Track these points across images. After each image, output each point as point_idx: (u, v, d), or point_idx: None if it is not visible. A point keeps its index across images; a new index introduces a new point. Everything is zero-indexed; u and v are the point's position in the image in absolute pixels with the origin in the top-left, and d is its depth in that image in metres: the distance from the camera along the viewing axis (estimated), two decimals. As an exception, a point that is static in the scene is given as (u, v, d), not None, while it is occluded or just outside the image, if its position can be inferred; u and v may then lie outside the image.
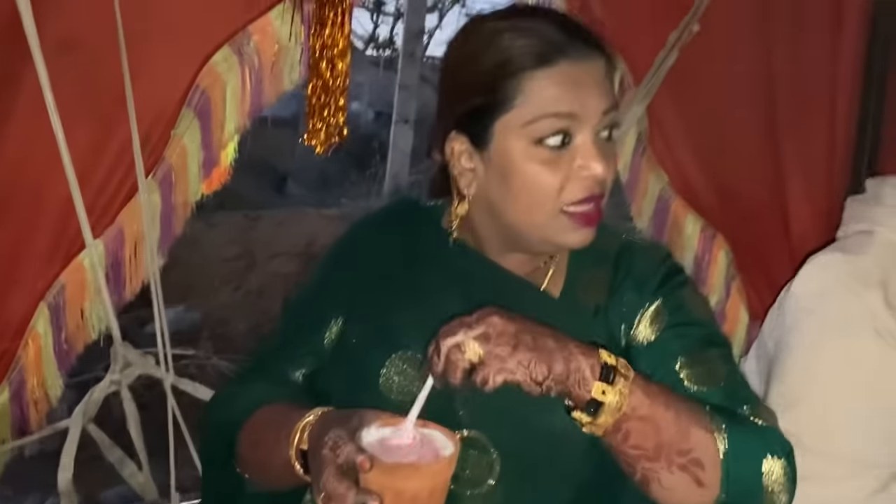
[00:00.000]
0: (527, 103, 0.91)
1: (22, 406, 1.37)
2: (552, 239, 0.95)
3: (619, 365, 0.83)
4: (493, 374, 0.78)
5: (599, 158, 0.91)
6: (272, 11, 1.40)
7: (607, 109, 0.92)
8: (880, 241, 1.04)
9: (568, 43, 0.91)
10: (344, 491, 0.73)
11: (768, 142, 1.79)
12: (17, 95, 1.27)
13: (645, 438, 0.83)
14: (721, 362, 0.96)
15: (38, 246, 1.35)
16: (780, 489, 0.87)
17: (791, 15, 1.73)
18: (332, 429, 0.79)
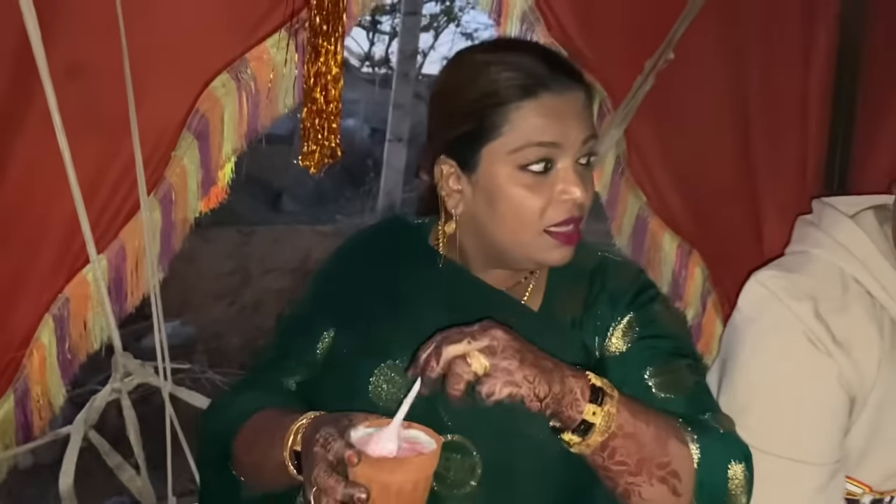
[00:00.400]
0: (513, 132, 0.96)
1: (26, 413, 1.40)
2: (535, 257, 1.00)
3: (605, 386, 0.87)
4: (499, 387, 0.81)
5: (579, 184, 0.96)
6: (269, 40, 1.46)
7: (587, 138, 0.98)
8: (814, 260, 1.10)
9: (551, 76, 0.97)
10: (334, 484, 0.77)
11: (742, 162, 1.86)
12: (27, 117, 1.31)
13: (629, 454, 0.87)
14: (688, 372, 1.01)
15: (45, 260, 1.38)
16: (742, 491, 0.92)
17: (762, 42, 1.80)
18: (323, 427, 0.83)
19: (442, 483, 0.98)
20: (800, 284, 1.06)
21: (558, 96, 0.97)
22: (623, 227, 1.86)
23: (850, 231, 1.09)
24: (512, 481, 0.99)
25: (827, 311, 1.04)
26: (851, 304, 1.05)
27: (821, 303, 1.04)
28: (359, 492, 0.76)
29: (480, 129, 0.98)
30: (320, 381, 1.09)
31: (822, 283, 1.06)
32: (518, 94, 0.97)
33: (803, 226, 1.19)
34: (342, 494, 0.76)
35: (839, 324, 1.04)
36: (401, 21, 5.76)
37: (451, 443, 0.97)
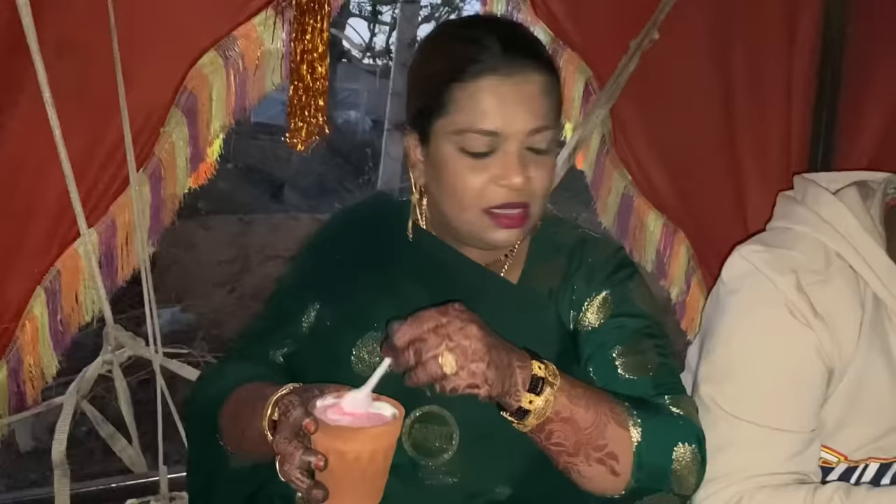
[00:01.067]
0: (457, 112, 0.97)
1: (19, 383, 1.43)
2: (478, 235, 1.02)
3: (548, 374, 0.90)
4: (462, 387, 0.85)
5: (519, 171, 0.96)
6: (256, 18, 1.47)
7: (534, 129, 0.96)
8: (797, 235, 1.11)
9: (501, 58, 0.95)
10: (292, 450, 0.79)
11: (727, 142, 1.87)
12: (18, 94, 1.32)
13: (565, 437, 0.91)
14: (654, 353, 1.03)
15: (37, 234, 1.40)
16: (689, 472, 0.95)
17: (746, 20, 1.81)
18: (288, 396, 0.85)
19: (420, 452, 1.00)
20: (782, 258, 1.08)
21: (506, 80, 0.95)
22: (608, 206, 1.87)
23: (834, 207, 1.10)
24: (489, 449, 1.01)
25: (809, 284, 1.05)
26: (833, 278, 1.07)
27: (803, 276, 1.06)
28: (316, 459, 0.78)
29: (431, 104, 0.99)
30: (305, 352, 1.12)
31: (805, 258, 1.08)
32: (464, 73, 0.96)
33: (786, 202, 1.20)
34: (300, 461, 0.79)
35: (820, 297, 1.05)
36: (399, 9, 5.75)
37: (428, 413, 1.00)
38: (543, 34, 1.74)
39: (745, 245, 1.13)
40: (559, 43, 1.76)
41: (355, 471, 0.79)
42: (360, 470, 0.80)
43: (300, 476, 0.80)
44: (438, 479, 1.01)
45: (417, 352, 0.84)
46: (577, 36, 1.76)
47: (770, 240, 1.14)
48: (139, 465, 1.54)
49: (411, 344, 0.84)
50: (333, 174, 9.56)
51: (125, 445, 1.52)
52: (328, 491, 0.79)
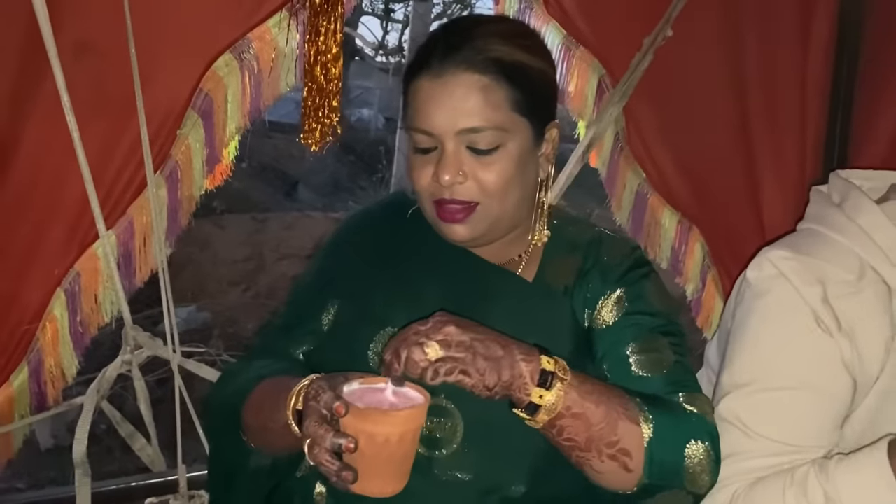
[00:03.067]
0: (407, 109, 1.01)
1: (40, 383, 1.45)
2: (436, 228, 1.05)
3: (558, 368, 0.90)
4: (445, 373, 0.86)
5: (448, 169, 0.97)
6: (270, 20, 1.49)
7: (466, 129, 0.97)
8: (831, 243, 1.07)
9: (436, 57, 0.97)
10: (323, 433, 0.81)
11: (741, 138, 1.86)
12: (37, 98, 1.34)
13: (577, 433, 0.91)
14: (669, 352, 1.03)
15: (56, 236, 1.42)
16: (702, 470, 0.95)
17: (761, 17, 1.80)
18: (317, 382, 0.87)
19: (427, 444, 1.01)
20: (811, 268, 1.04)
21: (436, 80, 0.97)
22: (623, 203, 1.87)
23: (875, 218, 1.05)
24: (496, 441, 1.02)
25: (835, 297, 1.02)
26: (864, 291, 1.03)
27: (830, 288, 1.03)
28: (347, 441, 0.80)
29: (404, 100, 1.03)
30: (324, 347, 1.13)
31: (836, 268, 1.04)
32: (408, 73, 1.00)
33: (821, 201, 1.15)
34: (330, 443, 0.80)
35: (847, 310, 1.02)
36: (412, 7, 5.76)
37: (434, 406, 1.00)
38: (556, 32, 1.74)
39: (774, 249, 1.09)
40: (572, 41, 1.75)
41: (384, 453, 0.81)
42: (389, 452, 0.81)
43: (330, 459, 0.81)
44: (453, 475, 1.02)
45: (397, 352, 0.86)
46: (589, 34, 1.75)
47: (800, 245, 1.09)
48: (158, 464, 1.56)
49: (395, 355, 0.87)
50: (347, 172, 9.59)
51: (144, 444, 1.53)
52: (357, 473, 0.81)
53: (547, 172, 1.09)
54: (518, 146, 1.00)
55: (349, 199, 8.60)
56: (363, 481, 0.81)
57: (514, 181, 1.01)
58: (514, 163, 1.00)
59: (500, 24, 1.08)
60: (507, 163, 1.00)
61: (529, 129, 1.02)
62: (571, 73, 1.76)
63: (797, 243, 1.10)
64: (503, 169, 0.99)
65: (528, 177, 1.04)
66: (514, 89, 0.98)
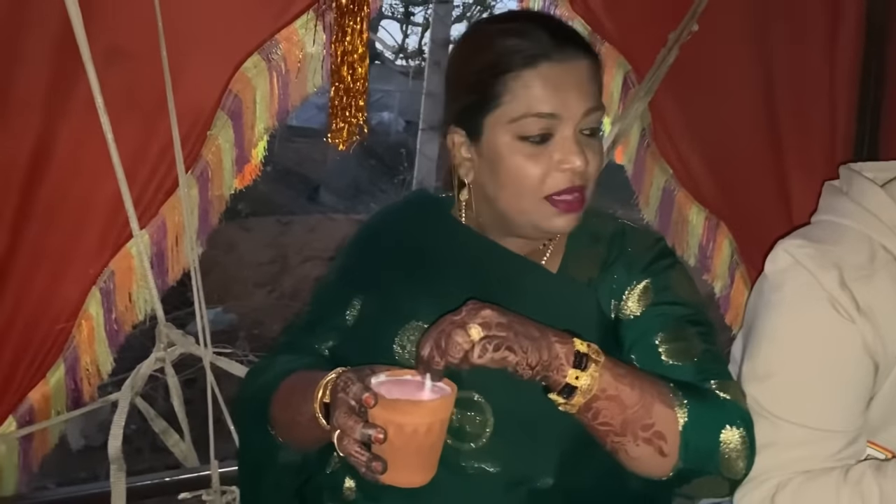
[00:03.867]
0: (513, 101, 0.99)
1: (76, 380, 1.48)
2: (538, 224, 1.04)
3: (591, 351, 0.90)
4: (490, 353, 0.85)
5: (579, 153, 0.99)
6: (297, 21, 1.50)
7: (589, 110, 1.00)
8: (841, 229, 1.10)
9: (552, 46, 0.99)
10: (353, 424, 0.82)
11: (769, 133, 1.85)
12: (71, 100, 1.36)
13: (612, 416, 0.91)
14: (698, 340, 1.03)
15: (91, 236, 1.44)
16: (738, 456, 0.94)
17: (788, 11, 1.78)
18: (345, 374, 0.88)
19: (457, 437, 1.02)
20: (826, 254, 1.06)
21: (559, 65, 0.98)
22: (650, 199, 1.86)
23: (879, 198, 1.09)
24: (526, 433, 1.02)
25: (852, 280, 1.04)
26: (878, 273, 1.05)
27: (846, 271, 1.04)
28: (376, 431, 0.81)
29: (483, 98, 1.01)
30: (349, 342, 1.15)
31: (849, 253, 1.06)
32: (518, 63, 0.99)
33: (831, 193, 1.19)
34: (360, 434, 0.81)
35: (864, 292, 1.03)
36: (433, 10, 5.78)
37: (463, 399, 1.01)
38: (581, 28, 1.74)
39: (788, 239, 1.12)
40: (596, 37, 1.75)
41: (413, 444, 0.82)
42: (418, 443, 0.82)
43: (359, 450, 0.82)
44: (480, 468, 1.02)
45: (438, 343, 0.85)
46: (614, 30, 1.75)
47: (813, 234, 1.12)
48: (191, 460, 1.58)
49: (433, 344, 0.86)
50: (367, 175, 9.65)
51: (177, 440, 1.56)
52: (387, 464, 0.81)
53: None
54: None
55: (370, 202, 8.64)
56: (392, 472, 0.82)
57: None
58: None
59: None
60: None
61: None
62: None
63: (810, 233, 1.13)
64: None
65: None
66: (601, 77, 1.05)
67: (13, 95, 1.32)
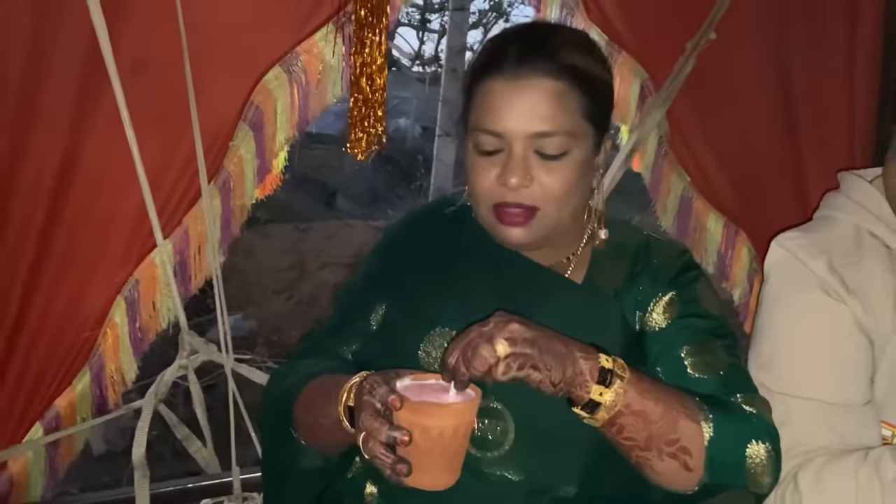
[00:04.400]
0: (472, 111, 1.02)
1: (101, 387, 1.51)
2: (492, 232, 1.05)
3: (616, 367, 0.90)
4: (515, 370, 0.86)
5: (516, 172, 0.98)
6: (317, 34, 1.53)
7: (538, 134, 0.97)
8: (831, 220, 1.17)
9: (511, 63, 0.98)
10: (378, 426, 0.82)
11: (788, 141, 1.84)
12: (97, 113, 1.39)
13: (637, 431, 0.91)
14: (723, 353, 1.03)
15: (116, 246, 1.47)
16: (763, 470, 0.94)
17: (805, 19, 1.78)
18: (371, 377, 0.89)
19: (478, 446, 1.02)
20: (816, 242, 1.13)
21: (511, 83, 0.97)
22: (667, 207, 1.86)
23: (864, 188, 1.16)
24: (549, 442, 1.03)
25: (840, 265, 1.10)
26: (866, 257, 1.11)
27: (835, 257, 1.10)
28: (401, 434, 0.81)
29: (465, 102, 1.04)
30: (373, 348, 1.15)
31: (837, 240, 1.13)
32: (477, 74, 1.01)
33: (828, 196, 1.25)
34: (386, 436, 0.82)
35: (852, 275, 1.09)
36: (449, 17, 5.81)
37: (484, 407, 1.01)
38: (597, 37, 1.75)
39: (784, 233, 1.19)
40: (614, 46, 1.76)
41: (438, 446, 0.83)
42: (443, 445, 0.83)
43: (384, 451, 0.83)
44: (503, 475, 1.02)
45: (465, 354, 0.86)
46: (631, 38, 1.76)
47: (807, 227, 1.20)
48: (213, 466, 1.60)
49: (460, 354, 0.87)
50: (384, 181, 9.67)
51: (199, 447, 1.58)
52: (411, 465, 0.82)
53: (598, 180, 1.10)
54: (582, 153, 1.02)
55: (387, 208, 8.66)
56: (416, 474, 0.83)
57: (575, 188, 1.02)
58: (578, 169, 1.01)
59: (571, 33, 1.09)
60: (572, 169, 1.01)
61: (593, 137, 1.03)
62: (614, 78, 1.76)
63: (804, 226, 1.21)
64: (567, 175, 1.00)
65: (586, 184, 1.05)
66: (585, 97, 1.00)
67: (41, 108, 1.35)
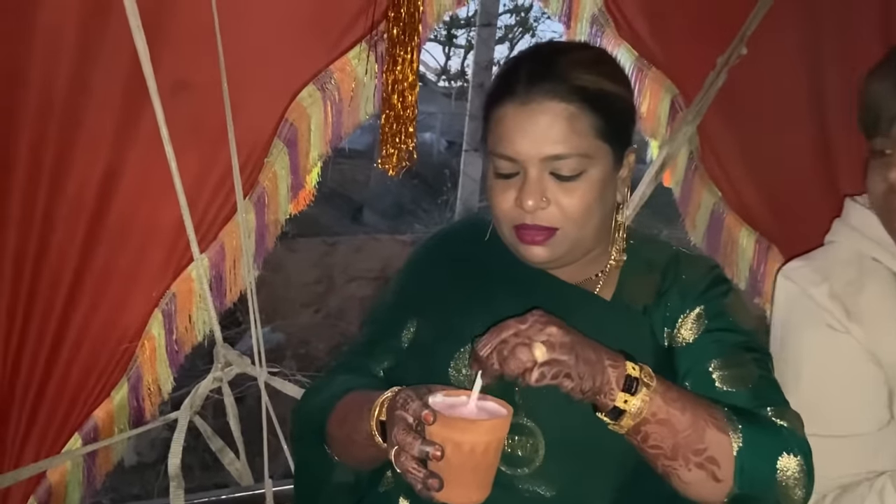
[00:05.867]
0: (490, 135, 1.03)
1: (138, 399, 1.54)
2: (515, 250, 1.06)
3: (643, 375, 0.90)
4: (550, 377, 0.86)
5: (532, 195, 0.98)
6: (350, 52, 1.56)
7: (551, 157, 0.98)
8: (834, 248, 1.19)
9: (523, 86, 0.98)
10: (411, 441, 0.83)
11: (821, 156, 1.82)
12: (138, 131, 1.43)
13: (663, 440, 0.90)
14: (753, 366, 1.02)
15: (154, 260, 1.51)
16: (796, 484, 0.93)
17: (839, 34, 1.76)
18: (404, 392, 0.89)
19: (509, 463, 1.02)
20: (818, 269, 1.15)
21: (522, 108, 0.98)
22: (697, 223, 1.86)
23: (861, 214, 1.17)
24: (579, 458, 1.02)
25: (842, 292, 1.10)
26: (867, 283, 1.11)
27: (836, 283, 1.11)
28: (434, 449, 0.82)
29: (484, 124, 1.06)
30: (404, 366, 1.16)
31: (839, 266, 1.14)
32: (491, 99, 1.02)
33: (834, 222, 1.26)
34: (418, 451, 0.83)
35: (854, 301, 1.10)
36: (476, 32, 5.84)
37: (514, 424, 1.01)
38: (628, 54, 1.75)
39: (789, 263, 1.20)
40: (644, 62, 1.76)
41: (469, 462, 0.83)
42: (475, 461, 0.83)
43: (416, 466, 0.83)
44: (535, 491, 1.02)
45: (500, 351, 0.86)
46: (661, 54, 1.76)
47: (811, 255, 1.22)
48: (246, 478, 1.62)
49: (494, 349, 0.87)
50: (410, 195, 9.71)
51: (233, 459, 1.60)
52: (443, 480, 0.83)
53: (623, 195, 1.10)
54: (600, 172, 1.02)
55: (413, 223, 8.70)
56: (448, 489, 0.83)
57: (594, 206, 1.02)
58: (596, 188, 1.02)
59: (583, 51, 1.08)
60: (589, 189, 1.01)
61: (611, 155, 1.03)
62: (644, 93, 1.77)
63: (808, 255, 1.22)
64: (585, 195, 1.01)
65: (608, 201, 1.06)
66: (597, 117, 1.00)
67: (85, 126, 1.39)
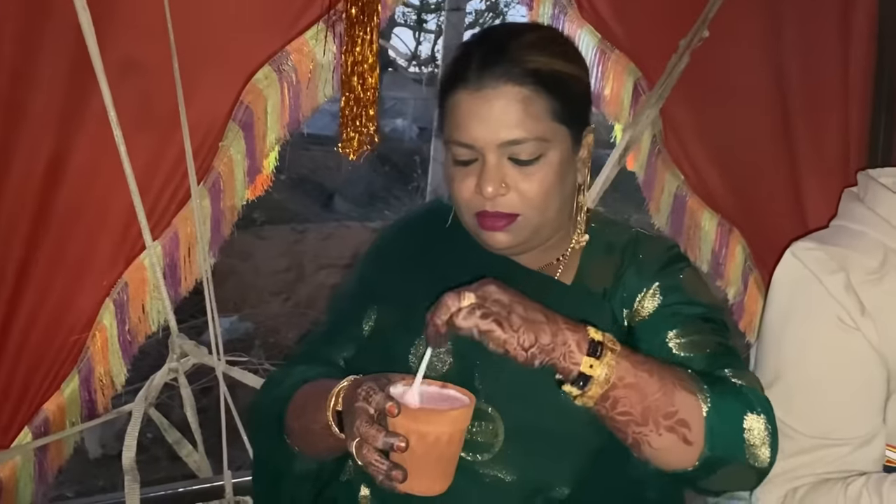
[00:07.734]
0: (445, 123, 1.01)
1: (90, 391, 1.49)
2: (478, 238, 1.05)
3: (606, 339, 0.87)
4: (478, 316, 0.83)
5: (490, 182, 0.97)
6: (308, 32, 1.52)
7: (508, 142, 0.96)
8: (854, 233, 1.10)
9: (474, 71, 0.97)
10: (375, 433, 0.81)
11: (782, 139, 1.83)
12: (85, 114, 1.38)
13: (632, 405, 0.87)
14: (711, 334, 1.01)
15: (105, 248, 1.46)
16: (762, 443, 0.91)
17: (799, 16, 1.77)
18: (365, 383, 0.87)
19: (469, 449, 1.01)
20: (834, 255, 1.06)
21: (475, 93, 0.96)
22: (661, 206, 1.86)
23: (892, 205, 1.08)
24: (540, 442, 1.02)
25: (859, 283, 1.03)
26: (888, 276, 1.04)
27: (854, 274, 1.03)
28: (398, 440, 0.80)
29: (439, 116, 1.04)
30: (364, 354, 1.15)
31: (859, 256, 1.05)
32: (445, 86, 1.00)
33: (848, 199, 1.18)
34: (382, 443, 0.81)
35: (871, 295, 1.03)
36: (445, 17, 5.81)
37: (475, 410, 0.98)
38: (591, 36, 1.74)
39: (799, 242, 1.11)
40: (607, 44, 1.75)
41: (434, 452, 0.82)
42: (438, 451, 0.82)
43: (379, 458, 0.82)
44: (496, 476, 1.02)
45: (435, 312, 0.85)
46: (624, 37, 1.75)
47: (826, 237, 1.12)
48: (204, 470, 1.58)
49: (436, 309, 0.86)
50: (382, 182, 9.67)
51: (191, 451, 1.57)
52: (406, 472, 0.82)
53: (584, 177, 1.09)
54: (559, 154, 1.00)
55: (384, 210, 8.66)
56: (411, 480, 0.82)
57: (554, 190, 1.01)
58: (555, 171, 1.00)
59: (534, 32, 1.06)
60: (548, 172, 1.00)
61: (568, 137, 1.02)
62: (607, 76, 1.76)
63: (822, 236, 1.13)
64: (544, 179, 1.00)
65: (568, 183, 1.04)
66: (553, 99, 0.98)
67: (29, 109, 1.34)
